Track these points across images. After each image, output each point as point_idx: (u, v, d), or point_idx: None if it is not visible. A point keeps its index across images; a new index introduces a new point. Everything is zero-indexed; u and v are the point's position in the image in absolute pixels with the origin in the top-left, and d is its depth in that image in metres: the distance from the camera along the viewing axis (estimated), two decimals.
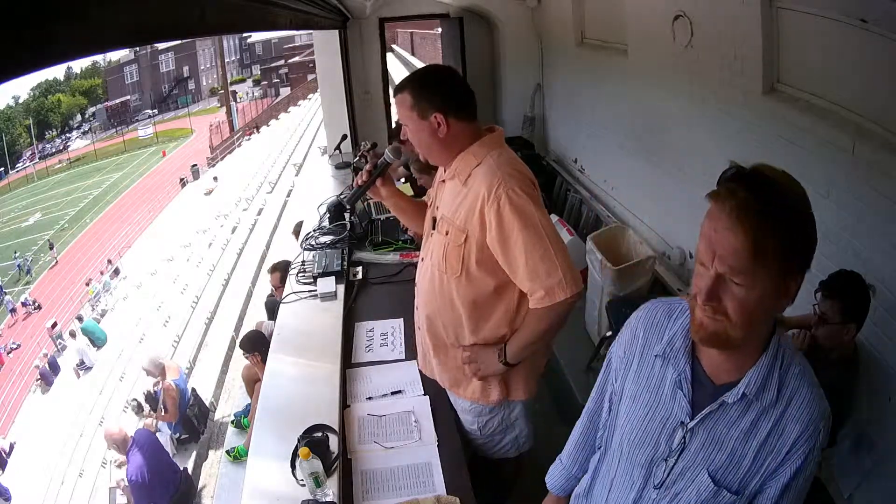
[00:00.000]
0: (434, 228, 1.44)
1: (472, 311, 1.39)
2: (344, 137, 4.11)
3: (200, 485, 4.23)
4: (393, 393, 1.71)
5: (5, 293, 14.49)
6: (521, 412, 1.55)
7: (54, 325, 11.64)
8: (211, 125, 22.59)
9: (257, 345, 3.22)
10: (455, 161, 1.35)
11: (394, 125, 3.97)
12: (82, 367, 9.13)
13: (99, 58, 27.58)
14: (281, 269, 3.30)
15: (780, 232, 0.69)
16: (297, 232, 3.60)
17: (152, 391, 5.13)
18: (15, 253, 16.82)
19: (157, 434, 4.22)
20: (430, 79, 1.38)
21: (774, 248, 0.70)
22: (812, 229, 0.73)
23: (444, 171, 1.41)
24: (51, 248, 17.00)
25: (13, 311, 13.97)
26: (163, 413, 4.50)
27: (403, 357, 1.87)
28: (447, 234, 1.36)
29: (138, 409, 5.70)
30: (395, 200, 1.61)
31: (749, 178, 0.72)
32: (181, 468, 3.97)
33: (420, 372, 1.71)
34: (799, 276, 0.73)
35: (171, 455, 4.07)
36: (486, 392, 1.47)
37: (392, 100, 1.43)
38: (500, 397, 1.47)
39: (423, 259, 1.51)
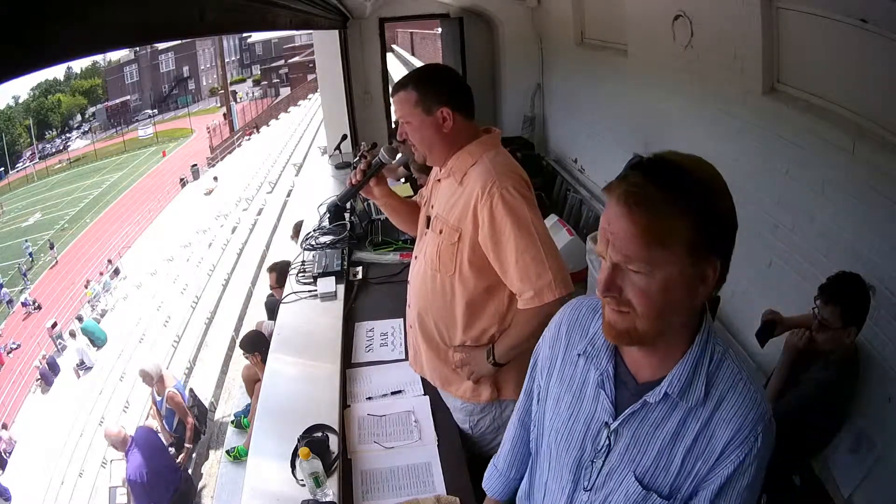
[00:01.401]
0: (428, 227, 1.44)
1: (465, 310, 1.40)
2: (344, 137, 4.11)
3: (200, 485, 4.23)
4: (393, 393, 1.71)
5: (2, 286, 14.55)
6: (511, 410, 1.55)
7: (54, 325, 11.63)
8: (208, 127, 22.60)
9: (257, 345, 3.22)
10: (451, 160, 1.36)
11: (393, 125, 3.96)
12: (82, 367, 9.13)
13: (99, 58, 27.59)
14: (279, 270, 3.30)
15: (676, 213, 0.65)
16: (296, 232, 3.60)
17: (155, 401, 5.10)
18: (26, 241, 17.11)
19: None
20: (433, 75, 1.39)
21: (671, 230, 0.66)
22: (724, 210, 0.68)
23: (440, 170, 1.41)
24: (51, 248, 17.01)
25: (9, 302, 14.05)
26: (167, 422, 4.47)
27: (403, 357, 1.87)
28: (441, 232, 1.37)
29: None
30: (387, 200, 1.60)
31: (645, 164, 0.69)
32: (181, 467, 3.98)
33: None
34: (716, 260, 0.68)
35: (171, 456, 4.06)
36: (476, 391, 1.47)
37: (392, 95, 1.40)
38: (490, 396, 1.47)
39: (415, 258, 1.52)
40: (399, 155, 1.61)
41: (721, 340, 0.78)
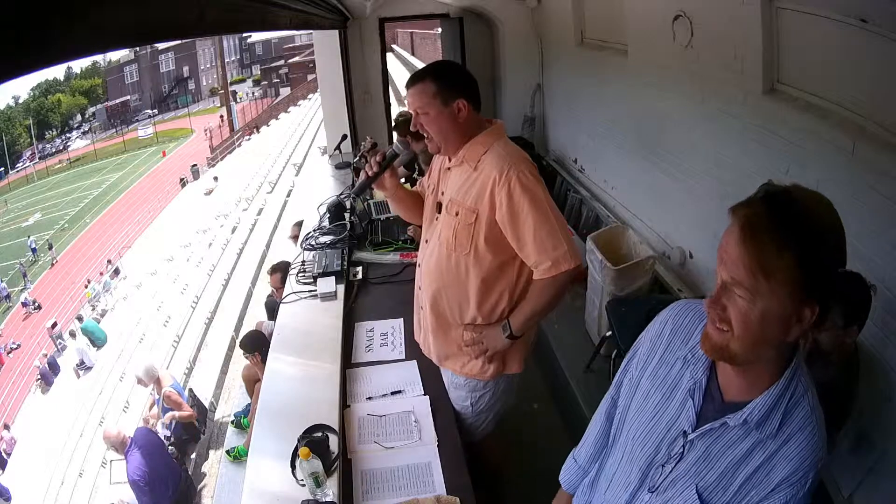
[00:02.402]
0: (440, 212, 1.52)
1: (479, 286, 1.47)
2: (344, 137, 4.11)
3: (200, 485, 4.23)
4: (393, 393, 1.71)
5: (1, 281, 14.60)
6: (507, 385, 1.63)
7: (54, 325, 11.63)
8: (205, 130, 22.59)
9: (257, 345, 3.22)
10: (462, 150, 1.44)
11: (394, 122, 3.95)
12: (82, 367, 9.13)
13: (99, 58, 27.59)
14: (281, 270, 3.30)
15: (786, 253, 0.67)
16: (296, 232, 3.60)
17: (154, 400, 5.10)
18: (29, 237, 17.17)
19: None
20: (450, 69, 1.50)
21: (778, 267, 0.68)
22: (833, 259, 0.70)
23: (449, 160, 1.50)
24: (49, 249, 16.97)
25: (7, 297, 14.11)
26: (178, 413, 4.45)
27: (403, 357, 1.87)
28: (457, 214, 1.45)
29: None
30: (396, 192, 1.65)
31: (772, 196, 0.70)
32: (181, 467, 3.98)
33: (420, 371, 1.73)
34: (816, 304, 0.70)
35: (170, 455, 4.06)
36: (484, 367, 1.54)
37: (404, 92, 1.49)
38: (496, 371, 1.55)
39: (426, 241, 1.59)
40: (403, 153, 1.65)
41: (805, 379, 0.81)
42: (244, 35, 29.29)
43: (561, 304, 1.49)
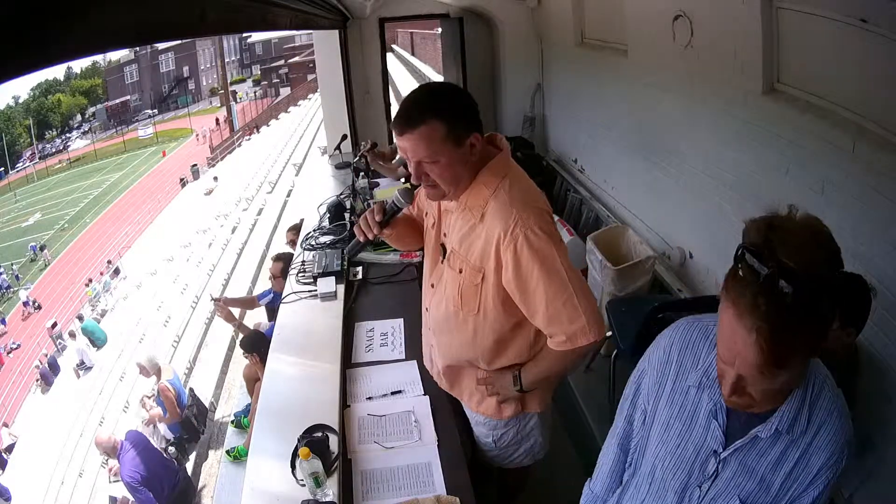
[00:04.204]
0: (444, 258, 1.34)
1: (492, 345, 1.35)
2: (344, 137, 4.11)
3: (200, 485, 4.23)
4: (393, 393, 1.71)
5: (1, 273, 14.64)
6: (536, 423, 1.51)
7: (54, 325, 11.64)
8: (196, 135, 22.53)
9: (257, 345, 3.22)
10: (464, 195, 1.23)
11: (394, 157, 3.52)
12: (82, 367, 9.13)
13: (99, 58, 27.56)
14: (284, 260, 3.26)
15: (802, 344, 0.69)
16: (292, 237, 3.57)
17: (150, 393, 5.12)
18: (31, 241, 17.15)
19: (154, 436, 4.22)
20: (450, 97, 1.20)
21: (796, 357, 0.70)
22: (839, 289, 0.70)
23: (450, 200, 1.27)
24: (41, 250, 16.82)
25: (8, 287, 14.21)
26: (163, 414, 4.50)
27: (403, 357, 1.87)
28: (461, 272, 1.28)
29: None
30: (392, 233, 1.46)
31: (769, 285, 0.66)
32: (177, 466, 3.98)
33: (420, 372, 1.72)
34: (825, 341, 0.72)
35: (164, 455, 4.06)
36: (500, 408, 1.44)
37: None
38: (514, 412, 1.44)
39: (432, 286, 1.42)
40: (399, 156, 1.55)
41: (820, 368, 0.82)
42: (244, 35, 29.27)
43: None
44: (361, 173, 3.21)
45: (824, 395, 0.80)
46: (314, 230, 2.72)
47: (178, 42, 25.91)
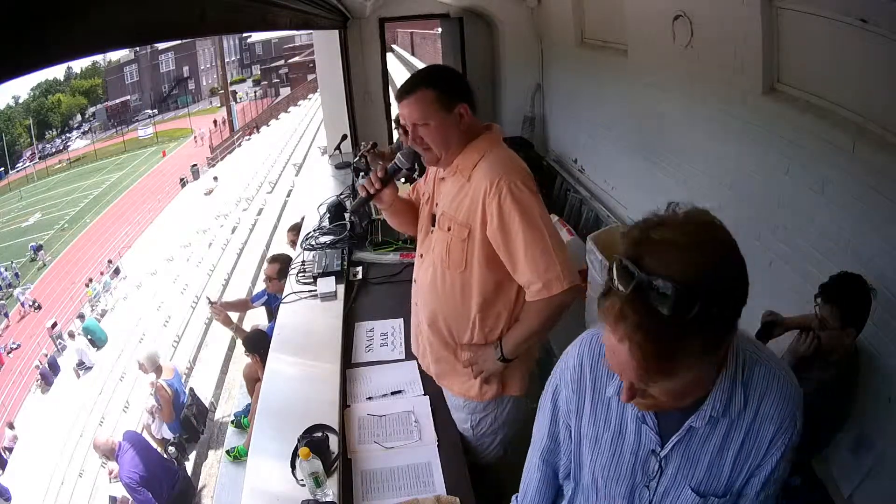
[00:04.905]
0: (434, 225, 1.43)
1: (476, 306, 1.40)
2: (344, 137, 4.11)
3: (200, 485, 4.23)
4: (393, 393, 1.71)
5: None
6: (512, 410, 1.54)
7: (54, 325, 11.64)
8: (195, 138, 22.51)
9: (260, 345, 3.21)
10: (457, 159, 1.35)
11: (394, 122, 3.91)
12: (82, 367, 9.13)
13: (99, 58, 27.58)
14: (280, 262, 3.25)
15: (682, 349, 0.65)
16: (292, 238, 3.56)
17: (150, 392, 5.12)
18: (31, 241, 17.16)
19: (147, 431, 4.23)
20: (444, 73, 1.40)
21: (684, 360, 0.66)
22: (733, 305, 0.66)
23: (443, 168, 1.40)
24: (38, 250, 16.81)
25: (9, 285, 14.19)
26: (158, 412, 4.48)
27: (403, 357, 1.87)
28: (449, 229, 1.37)
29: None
30: (394, 204, 1.53)
31: (633, 294, 0.64)
32: (177, 466, 3.97)
33: (420, 371, 1.72)
34: (727, 336, 0.70)
35: (163, 455, 4.06)
36: (482, 389, 1.47)
37: (398, 102, 1.35)
38: (496, 392, 1.47)
39: (421, 256, 1.50)
40: (406, 166, 1.54)
41: (748, 342, 0.80)
42: (244, 35, 29.28)
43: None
44: (361, 173, 3.22)
45: (757, 370, 0.77)
46: (314, 230, 2.72)
47: (178, 42, 25.92)
